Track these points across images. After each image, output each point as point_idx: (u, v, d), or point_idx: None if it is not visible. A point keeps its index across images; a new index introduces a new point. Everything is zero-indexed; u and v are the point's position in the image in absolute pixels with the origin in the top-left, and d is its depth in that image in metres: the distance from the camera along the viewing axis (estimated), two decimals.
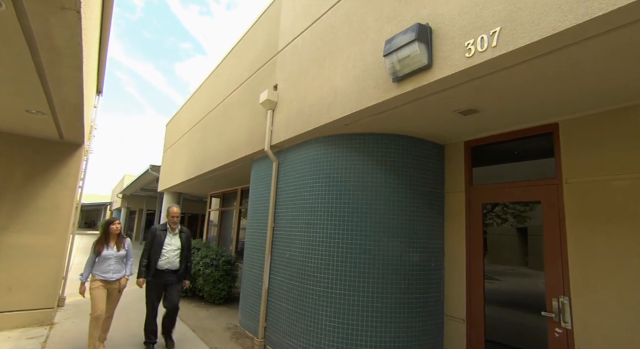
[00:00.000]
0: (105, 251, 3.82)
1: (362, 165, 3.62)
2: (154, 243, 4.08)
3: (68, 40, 2.07)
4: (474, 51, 2.16)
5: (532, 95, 2.56)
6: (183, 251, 4.22)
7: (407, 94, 2.65)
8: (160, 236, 4.13)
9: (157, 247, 4.06)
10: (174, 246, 4.18)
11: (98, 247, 3.84)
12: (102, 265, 3.80)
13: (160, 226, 4.24)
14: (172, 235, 4.22)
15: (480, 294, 3.34)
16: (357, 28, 3.26)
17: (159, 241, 4.09)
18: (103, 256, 3.80)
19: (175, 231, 4.26)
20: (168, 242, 4.14)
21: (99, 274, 3.77)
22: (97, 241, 3.87)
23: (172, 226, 4.24)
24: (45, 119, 3.86)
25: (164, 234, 4.16)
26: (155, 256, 4.03)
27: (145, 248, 4.09)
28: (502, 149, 3.50)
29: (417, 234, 3.56)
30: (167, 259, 4.08)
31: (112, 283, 3.83)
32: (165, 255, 4.08)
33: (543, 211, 2.95)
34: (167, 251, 4.10)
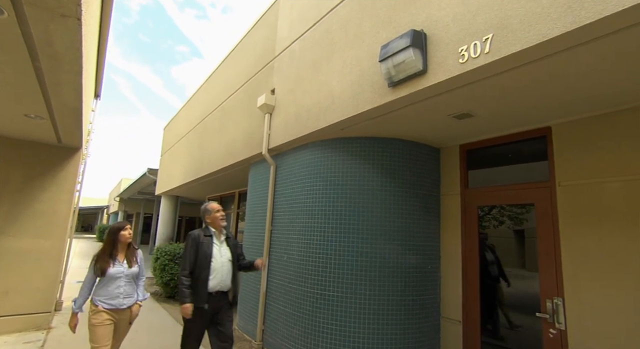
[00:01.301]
0: (112, 268, 2.80)
1: (359, 168, 3.66)
2: (199, 255, 2.96)
3: (68, 47, 2.10)
4: (467, 57, 2.21)
5: (525, 99, 2.61)
6: (234, 264, 3.14)
7: (403, 98, 2.69)
8: (206, 245, 3.01)
9: (203, 261, 2.95)
10: (225, 258, 3.08)
11: (102, 263, 2.79)
12: (109, 288, 2.79)
13: (204, 231, 3.12)
14: (219, 243, 3.12)
15: (476, 296, 3.37)
16: (354, 33, 3.31)
17: (206, 253, 2.98)
18: (110, 276, 2.78)
19: (221, 237, 3.18)
20: (217, 253, 3.05)
21: (103, 301, 2.75)
22: (99, 254, 2.85)
23: (219, 230, 3.16)
24: (44, 124, 3.87)
25: (210, 242, 3.05)
26: (202, 273, 2.93)
27: (186, 262, 2.96)
28: (497, 152, 3.55)
29: (414, 236, 3.59)
30: (220, 277, 2.99)
31: (122, 312, 2.86)
32: (216, 272, 2.98)
33: (537, 213, 3.00)
34: (217, 267, 2.99)
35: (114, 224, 3.03)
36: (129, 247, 3.01)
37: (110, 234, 2.94)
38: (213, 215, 3.16)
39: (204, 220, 3.20)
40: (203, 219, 3.20)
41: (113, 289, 2.82)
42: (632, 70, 2.11)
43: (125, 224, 3.02)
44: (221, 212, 3.20)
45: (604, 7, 1.62)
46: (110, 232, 2.95)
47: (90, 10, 2.08)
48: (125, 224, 3.02)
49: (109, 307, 2.79)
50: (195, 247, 3.00)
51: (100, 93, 5.93)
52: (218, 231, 3.16)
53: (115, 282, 2.84)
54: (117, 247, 2.94)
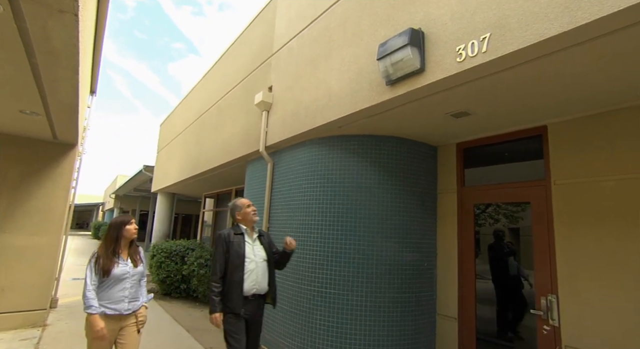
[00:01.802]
0: (116, 269, 2.49)
1: (356, 166, 3.67)
2: (230, 256, 2.71)
3: (65, 43, 2.09)
4: (465, 56, 2.22)
5: (522, 98, 2.63)
6: (270, 264, 2.89)
7: (400, 97, 2.70)
8: (238, 244, 2.76)
9: (235, 261, 2.69)
10: (259, 257, 2.83)
11: (105, 262, 2.47)
12: (112, 290, 2.48)
13: (234, 229, 2.86)
14: (251, 241, 2.87)
15: (472, 293, 3.40)
16: (352, 31, 3.31)
17: (238, 252, 2.72)
18: (114, 277, 2.48)
19: (254, 234, 2.93)
20: (250, 252, 2.79)
21: (105, 305, 2.46)
22: (101, 252, 2.53)
23: (251, 227, 2.93)
24: (40, 120, 3.85)
25: (242, 241, 2.80)
26: (235, 275, 2.67)
27: (216, 265, 2.69)
28: (493, 150, 3.58)
29: (410, 234, 3.61)
30: (255, 278, 2.74)
31: (126, 319, 2.55)
32: (250, 273, 2.73)
33: (532, 211, 3.03)
34: (251, 268, 2.74)
35: (116, 217, 2.72)
36: (132, 244, 2.72)
37: (114, 229, 2.61)
38: (244, 211, 2.89)
39: (233, 218, 2.94)
40: (233, 217, 2.95)
41: (117, 292, 2.49)
42: (627, 71, 2.13)
43: (129, 218, 2.72)
44: (252, 207, 2.94)
45: (600, 8, 1.63)
46: (113, 226, 2.63)
47: (87, 6, 2.06)
48: (130, 218, 2.72)
49: (112, 312, 2.45)
50: (226, 247, 2.72)
51: (96, 89, 5.89)
52: (250, 228, 2.90)
53: (120, 284, 2.51)
54: (121, 244, 2.61)
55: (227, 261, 2.70)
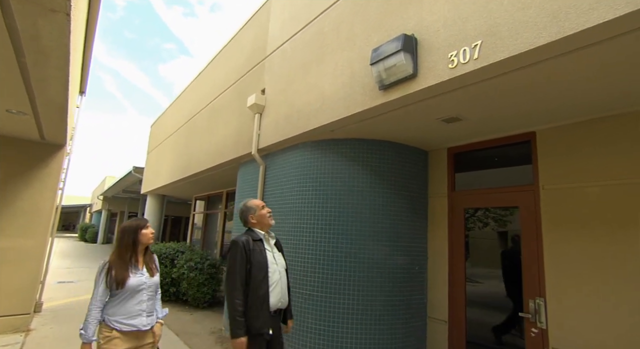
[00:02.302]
0: (133, 279, 2.22)
1: (349, 170, 3.68)
2: (252, 267, 2.30)
3: (56, 42, 2.06)
4: (457, 62, 2.26)
5: (512, 105, 2.68)
6: (288, 273, 2.58)
7: (393, 101, 2.73)
8: (260, 253, 2.36)
9: (259, 273, 2.30)
10: (280, 266, 2.49)
11: (119, 272, 2.18)
12: (128, 304, 2.21)
13: (251, 235, 2.45)
14: (270, 248, 2.50)
15: (462, 297, 3.44)
16: (345, 36, 3.34)
17: (261, 263, 2.33)
18: (130, 288, 2.20)
19: (271, 240, 2.57)
20: (272, 261, 2.42)
21: (121, 321, 2.17)
22: (114, 260, 2.23)
23: (267, 231, 2.57)
24: (27, 120, 3.77)
25: (262, 248, 2.41)
26: (260, 288, 2.27)
27: (236, 279, 2.25)
28: (483, 155, 3.63)
29: (402, 237, 3.64)
30: (279, 290, 2.39)
31: (143, 336, 2.29)
32: (275, 285, 2.37)
33: (521, 216, 3.08)
34: (276, 279, 2.38)
35: (129, 221, 2.38)
36: (147, 251, 2.40)
37: (128, 234, 2.29)
38: (259, 213, 2.52)
39: (246, 221, 2.54)
40: (245, 221, 2.55)
41: (133, 306, 2.22)
42: (614, 80, 2.20)
43: (145, 220, 2.40)
44: (267, 208, 2.59)
45: (587, 19, 1.68)
46: (127, 231, 2.31)
47: (79, 5, 2.04)
48: (146, 221, 2.40)
49: (129, 329, 2.18)
50: (246, 256, 2.30)
51: (85, 89, 5.80)
52: (266, 232, 2.55)
53: (136, 296, 2.23)
54: (137, 251, 2.31)
55: (250, 273, 2.28)
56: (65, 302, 6.38)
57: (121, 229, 2.35)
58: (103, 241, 23.15)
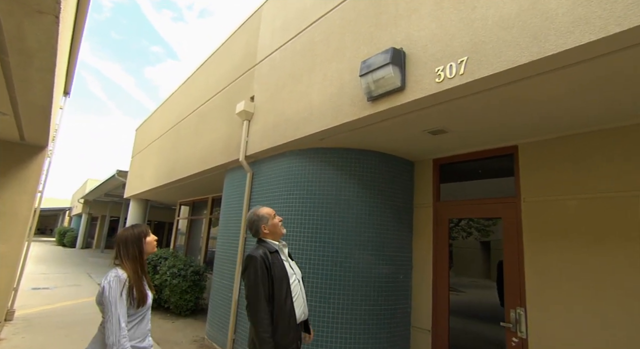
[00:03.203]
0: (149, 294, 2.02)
1: (336, 179, 3.70)
2: (275, 281, 2.20)
3: (42, 44, 2.02)
4: (443, 77, 2.32)
5: (495, 119, 2.77)
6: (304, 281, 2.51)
7: (381, 113, 2.77)
8: (280, 267, 2.26)
9: (282, 286, 2.20)
10: (299, 276, 2.42)
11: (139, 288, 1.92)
12: (142, 324, 2.00)
13: (267, 247, 2.30)
14: (285, 259, 2.39)
15: (445, 306, 3.47)
16: (335, 47, 3.39)
17: (281, 275, 2.23)
18: (147, 306, 2.01)
19: (285, 250, 2.45)
20: (291, 272, 2.33)
21: (136, 346, 1.95)
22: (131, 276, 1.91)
23: (280, 240, 2.44)
24: (6, 120, 3.66)
25: (280, 260, 2.30)
26: (286, 303, 2.19)
27: (260, 296, 2.13)
28: (468, 167, 3.71)
29: (387, 246, 3.66)
30: (302, 302, 2.34)
31: None
32: (298, 296, 2.30)
33: (503, 227, 3.15)
34: (297, 291, 2.32)
35: (129, 229, 2.06)
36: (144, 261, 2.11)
37: (132, 244, 1.99)
38: (272, 223, 2.37)
39: (258, 232, 2.38)
40: (257, 231, 2.38)
41: (145, 326, 2.01)
42: (591, 98, 2.29)
43: (145, 227, 2.12)
44: (278, 216, 2.46)
45: (565, 41, 1.76)
46: (130, 241, 2.00)
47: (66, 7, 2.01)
48: (146, 228, 2.12)
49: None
50: (267, 272, 2.17)
51: (70, 90, 5.69)
52: (279, 242, 2.41)
53: (147, 314, 2.03)
54: (143, 263, 2.04)
55: (273, 288, 2.17)
56: (39, 310, 6.14)
57: (123, 239, 2.00)
58: (82, 245, 22.44)
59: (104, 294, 1.82)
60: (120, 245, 1.98)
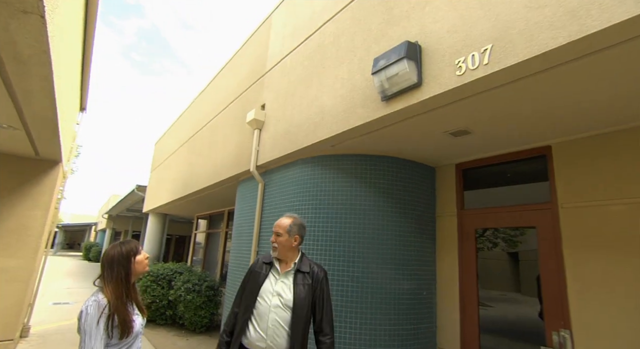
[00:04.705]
0: (136, 321, 1.74)
1: (350, 187, 3.47)
2: (246, 290, 2.15)
3: (33, 48, 1.93)
4: (464, 69, 2.08)
5: (525, 116, 2.48)
6: (297, 317, 1.99)
7: (396, 113, 2.55)
8: (257, 277, 2.14)
9: (248, 298, 2.08)
10: (277, 300, 2.03)
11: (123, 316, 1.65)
12: None
13: (265, 257, 2.24)
14: (277, 276, 2.13)
15: (475, 324, 3.12)
16: (345, 48, 3.21)
17: (253, 287, 2.11)
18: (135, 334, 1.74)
19: (287, 266, 2.16)
20: (269, 289, 2.07)
21: None
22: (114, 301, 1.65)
23: (275, 256, 2.20)
24: (18, 135, 3.66)
25: (267, 273, 2.15)
26: (243, 317, 2.04)
27: (236, 299, 2.18)
28: (494, 172, 3.40)
29: (408, 260, 3.37)
30: (264, 329, 1.98)
31: None
32: (260, 319, 2.00)
33: (538, 236, 2.81)
34: (262, 312, 2.01)
35: (116, 246, 1.79)
36: (133, 285, 1.81)
37: (119, 265, 1.72)
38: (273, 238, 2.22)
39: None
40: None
41: None
42: (638, 86, 1.99)
43: (136, 244, 1.84)
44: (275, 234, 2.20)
45: (611, 15, 1.50)
46: (116, 260, 1.72)
47: (60, 10, 1.92)
48: (137, 245, 1.84)
49: None
50: (247, 277, 2.17)
51: (86, 106, 5.76)
52: (284, 258, 2.18)
53: (135, 343, 1.76)
54: (130, 286, 1.76)
55: (243, 296, 2.12)
56: (56, 325, 6.11)
57: (108, 258, 1.73)
58: None
59: (79, 321, 1.59)
60: (105, 265, 1.71)
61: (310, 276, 2.13)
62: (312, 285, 2.10)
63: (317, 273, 2.16)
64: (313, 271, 2.16)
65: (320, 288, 2.11)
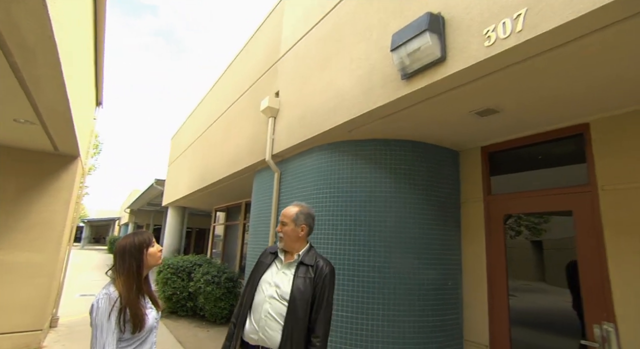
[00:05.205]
0: (150, 316, 1.66)
1: (370, 174, 3.32)
2: (250, 280, 2.08)
3: (37, 34, 1.87)
4: (494, 39, 1.89)
5: (561, 90, 2.26)
6: (294, 307, 1.85)
7: (418, 92, 2.37)
8: (263, 266, 2.08)
9: (249, 289, 2.02)
10: (272, 291, 1.93)
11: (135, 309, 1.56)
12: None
13: (272, 247, 2.21)
14: (280, 266, 2.05)
15: (505, 316, 2.96)
16: (361, 26, 3.04)
17: (255, 277, 2.05)
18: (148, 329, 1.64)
19: (291, 258, 2.05)
20: (268, 280, 2.00)
21: None
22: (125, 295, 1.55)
23: (281, 247, 2.09)
24: (36, 129, 3.68)
25: (270, 263, 2.08)
26: (245, 308, 1.98)
27: (243, 290, 2.12)
28: (524, 154, 3.18)
29: (432, 248, 3.21)
30: (256, 320, 1.90)
31: None
32: (254, 311, 1.94)
33: (575, 222, 2.60)
34: (257, 302, 1.95)
35: (129, 238, 1.70)
36: (146, 276, 1.75)
37: (131, 256, 1.64)
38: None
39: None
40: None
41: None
42: None
43: (148, 235, 1.75)
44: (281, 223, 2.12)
45: None
46: (128, 251, 1.64)
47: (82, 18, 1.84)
48: (150, 236, 1.75)
49: None
50: (254, 267, 2.11)
51: (102, 100, 5.80)
52: (290, 249, 2.07)
53: (149, 339, 1.67)
54: (142, 279, 1.68)
55: (247, 286, 2.07)
56: (82, 317, 6.27)
57: (120, 248, 1.65)
58: None
59: (90, 315, 1.53)
60: (117, 256, 1.64)
61: (314, 269, 1.98)
62: (314, 280, 1.95)
63: (322, 267, 1.99)
64: (317, 264, 2.00)
65: (322, 284, 1.94)
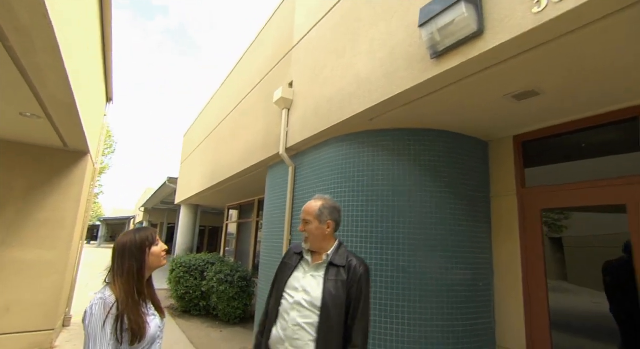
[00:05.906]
0: (151, 324, 1.46)
1: (392, 166, 3.08)
2: (275, 284, 1.89)
3: (32, 15, 1.70)
4: (545, 3, 1.63)
5: (619, 65, 1.98)
6: (328, 316, 1.63)
7: (450, 72, 2.12)
8: (285, 269, 1.89)
9: (276, 294, 1.84)
10: (300, 297, 1.72)
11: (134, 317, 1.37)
12: None
13: (296, 247, 1.95)
14: (307, 269, 1.82)
15: (545, 321, 2.69)
16: (382, 7, 2.79)
17: (280, 281, 1.86)
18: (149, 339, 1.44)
19: (319, 258, 1.82)
20: (294, 284, 1.78)
21: None
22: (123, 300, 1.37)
23: (307, 248, 1.86)
24: (43, 124, 3.56)
25: (296, 264, 1.87)
26: (272, 314, 1.80)
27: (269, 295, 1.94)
28: (564, 142, 2.89)
29: (460, 247, 2.96)
30: (283, 328, 1.70)
31: None
32: (280, 318, 1.74)
33: (630, 216, 2.31)
34: (284, 309, 1.75)
35: (129, 233, 1.53)
36: (149, 279, 1.57)
37: (130, 256, 1.45)
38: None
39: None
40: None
41: None
42: None
43: (152, 232, 1.56)
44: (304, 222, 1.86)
45: None
46: (128, 250, 1.46)
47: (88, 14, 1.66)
48: (153, 233, 1.56)
49: None
50: (278, 270, 1.92)
51: (112, 96, 5.69)
52: (317, 249, 1.84)
53: (153, 348, 1.48)
54: (144, 282, 1.49)
55: (272, 290, 1.89)
56: None
57: (119, 247, 1.47)
58: None
59: (83, 323, 1.33)
60: (116, 255, 1.45)
61: (346, 270, 1.75)
62: (348, 282, 1.71)
63: (356, 267, 1.76)
64: (350, 264, 1.77)
65: (357, 286, 1.70)
